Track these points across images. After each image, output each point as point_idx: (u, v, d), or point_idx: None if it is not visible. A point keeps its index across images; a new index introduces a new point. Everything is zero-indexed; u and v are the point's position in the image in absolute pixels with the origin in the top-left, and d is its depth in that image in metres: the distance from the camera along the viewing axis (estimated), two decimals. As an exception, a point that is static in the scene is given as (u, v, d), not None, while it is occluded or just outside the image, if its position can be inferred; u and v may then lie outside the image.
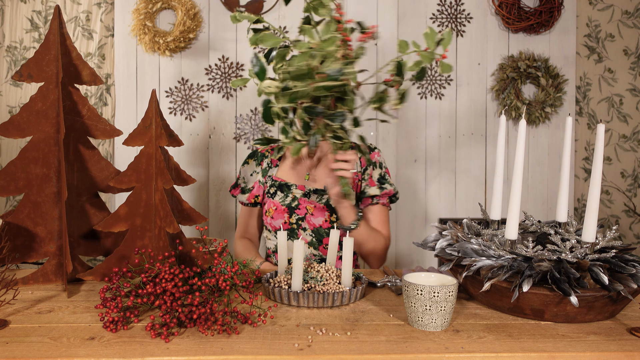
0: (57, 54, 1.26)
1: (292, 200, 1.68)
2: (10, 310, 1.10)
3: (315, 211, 1.67)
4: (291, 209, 1.68)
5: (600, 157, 1.08)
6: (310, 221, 1.67)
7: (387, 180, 1.72)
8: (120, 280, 1.13)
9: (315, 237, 1.67)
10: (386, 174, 1.74)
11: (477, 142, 2.64)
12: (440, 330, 1.01)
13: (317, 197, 1.68)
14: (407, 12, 2.59)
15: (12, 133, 1.27)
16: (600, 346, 0.94)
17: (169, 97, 2.53)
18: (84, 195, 1.36)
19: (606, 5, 2.63)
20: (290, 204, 1.68)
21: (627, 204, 2.65)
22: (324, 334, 0.98)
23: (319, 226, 1.67)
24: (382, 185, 1.71)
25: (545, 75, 2.56)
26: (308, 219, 1.67)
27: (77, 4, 2.48)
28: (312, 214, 1.67)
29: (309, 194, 1.68)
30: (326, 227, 1.67)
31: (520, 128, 1.15)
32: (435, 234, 1.28)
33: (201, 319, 0.98)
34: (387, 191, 1.71)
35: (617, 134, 2.65)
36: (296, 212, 1.67)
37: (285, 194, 1.69)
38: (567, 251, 1.11)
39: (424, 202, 2.64)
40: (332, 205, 1.57)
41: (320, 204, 1.67)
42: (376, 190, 1.69)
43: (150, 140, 1.24)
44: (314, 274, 1.22)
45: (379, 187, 1.70)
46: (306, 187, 1.69)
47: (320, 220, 1.67)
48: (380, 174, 1.72)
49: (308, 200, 1.68)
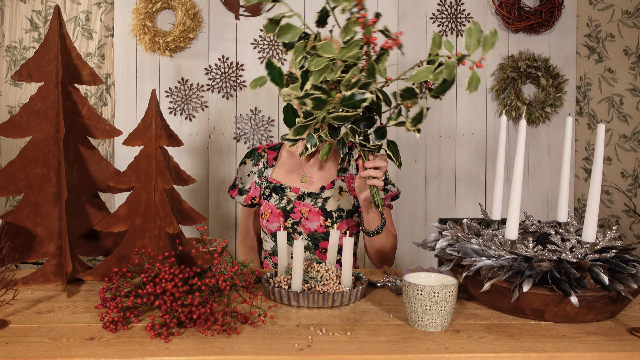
0: (57, 54, 1.26)
1: (287, 203, 1.66)
2: (10, 311, 1.10)
3: (310, 215, 1.65)
4: (286, 212, 1.66)
5: (601, 157, 1.08)
6: (306, 225, 1.65)
7: (389, 181, 1.72)
8: (120, 281, 1.13)
9: (311, 241, 1.66)
10: (386, 173, 1.73)
11: (477, 142, 2.64)
12: (441, 331, 1.00)
13: (312, 200, 1.66)
14: (407, 12, 2.59)
15: (12, 133, 1.27)
16: (600, 346, 0.94)
17: (169, 97, 2.53)
18: (83, 195, 1.36)
19: (606, 5, 2.63)
20: (285, 207, 1.66)
21: (628, 204, 2.65)
22: (324, 334, 0.98)
23: (314, 230, 1.65)
24: (385, 187, 1.70)
25: (545, 75, 2.56)
26: (303, 223, 1.66)
27: (77, 3, 2.48)
28: (307, 218, 1.65)
29: (303, 196, 1.66)
30: (321, 231, 1.65)
31: (521, 128, 1.15)
32: (435, 234, 1.28)
33: (201, 319, 0.98)
34: (392, 193, 1.70)
35: (618, 134, 2.65)
36: (291, 215, 1.66)
37: (280, 196, 1.68)
38: (568, 251, 1.11)
39: (424, 202, 2.64)
40: (361, 208, 1.52)
41: (315, 208, 1.65)
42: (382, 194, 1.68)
43: (150, 140, 1.23)
44: (314, 274, 1.22)
45: (384, 189, 1.69)
46: (300, 190, 1.67)
47: (315, 224, 1.65)
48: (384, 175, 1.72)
49: (303, 203, 1.66)
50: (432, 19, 2.60)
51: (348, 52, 1.13)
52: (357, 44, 1.14)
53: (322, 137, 1.27)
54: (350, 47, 1.14)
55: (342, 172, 1.72)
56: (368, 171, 1.36)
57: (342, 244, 1.54)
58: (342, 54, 1.14)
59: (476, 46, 1.14)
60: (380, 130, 1.27)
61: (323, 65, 1.13)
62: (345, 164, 1.74)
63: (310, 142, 1.27)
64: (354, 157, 1.76)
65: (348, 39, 1.14)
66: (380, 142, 1.27)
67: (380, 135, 1.27)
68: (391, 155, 1.30)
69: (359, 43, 1.14)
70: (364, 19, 1.13)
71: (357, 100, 1.12)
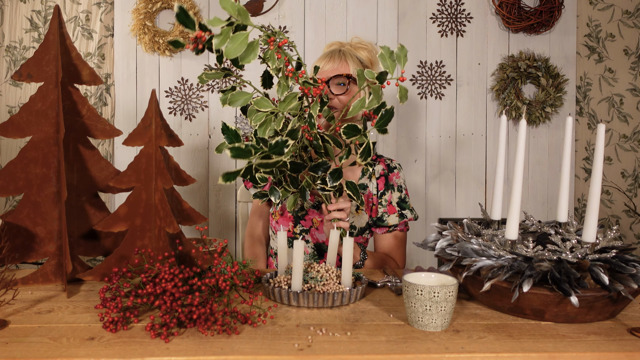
0: (57, 54, 1.26)
1: (300, 209, 1.64)
2: (9, 311, 1.10)
3: (321, 226, 1.62)
4: (297, 218, 1.63)
5: (601, 157, 1.08)
6: (314, 235, 1.63)
7: (407, 205, 1.65)
8: (120, 281, 1.13)
9: (316, 250, 1.63)
10: (406, 197, 1.66)
11: (477, 142, 2.64)
12: (441, 331, 1.00)
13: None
14: (407, 12, 2.59)
15: (12, 133, 1.27)
16: (600, 346, 0.94)
17: (169, 97, 2.53)
18: (83, 195, 1.36)
19: (606, 5, 2.63)
20: (298, 212, 1.64)
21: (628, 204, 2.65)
22: (324, 334, 0.98)
23: (322, 242, 1.63)
24: (402, 211, 1.64)
25: (545, 75, 2.56)
26: (312, 233, 1.63)
27: (77, 3, 2.48)
28: (317, 228, 1.63)
29: (318, 205, 1.63)
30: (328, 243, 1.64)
31: (521, 128, 1.15)
32: (435, 234, 1.28)
33: (201, 319, 0.98)
34: (407, 219, 1.64)
35: (618, 134, 2.65)
36: (301, 222, 1.63)
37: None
38: (568, 251, 1.11)
39: (424, 202, 2.64)
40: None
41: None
42: (395, 220, 1.63)
43: (150, 140, 1.23)
44: (314, 274, 1.22)
45: (399, 213, 1.63)
46: (315, 198, 1.64)
47: (324, 236, 1.62)
48: (400, 197, 1.65)
49: (317, 212, 1.63)
50: (432, 19, 2.60)
51: (287, 105, 1.22)
52: (293, 96, 1.23)
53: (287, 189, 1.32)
54: (289, 101, 1.22)
55: (361, 188, 1.67)
56: (332, 214, 1.38)
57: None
58: (282, 107, 1.22)
59: (393, 65, 1.22)
60: (335, 172, 1.31)
61: (263, 119, 1.22)
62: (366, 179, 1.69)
63: (275, 195, 1.32)
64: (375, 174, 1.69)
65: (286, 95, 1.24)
66: (336, 183, 1.31)
67: (336, 177, 1.31)
68: (351, 195, 1.34)
69: (296, 95, 1.24)
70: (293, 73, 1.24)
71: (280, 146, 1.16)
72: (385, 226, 1.64)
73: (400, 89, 1.20)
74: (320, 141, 1.30)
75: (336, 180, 1.31)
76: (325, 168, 1.29)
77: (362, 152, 1.30)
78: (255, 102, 1.22)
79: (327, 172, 1.30)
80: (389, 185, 1.65)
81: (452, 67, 2.62)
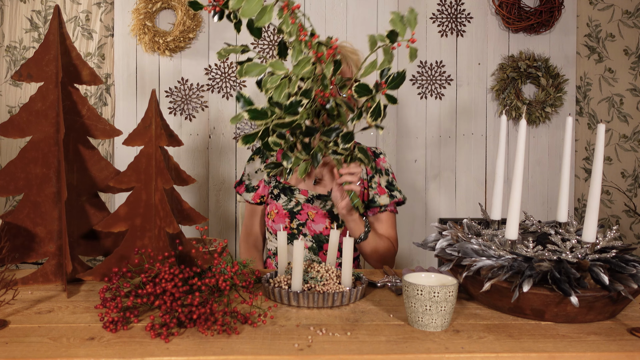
0: (57, 54, 1.26)
1: (295, 205, 1.67)
2: (9, 311, 1.10)
3: (317, 217, 1.65)
4: (292, 213, 1.66)
5: (601, 157, 1.08)
6: (311, 227, 1.66)
7: (395, 187, 1.71)
8: (120, 281, 1.13)
9: (315, 242, 1.66)
10: (393, 180, 1.72)
11: (477, 142, 2.64)
12: (441, 331, 1.00)
13: (321, 202, 1.66)
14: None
15: (12, 133, 1.27)
16: (600, 346, 0.94)
17: (169, 97, 2.53)
18: (83, 195, 1.36)
19: (606, 5, 2.63)
20: (293, 208, 1.66)
21: (628, 204, 2.65)
22: (324, 334, 0.98)
23: (319, 232, 1.66)
24: (391, 192, 1.70)
25: (545, 75, 2.56)
26: (309, 225, 1.66)
27: (77, 3, 2.48)
28: (313, 220, 1.66)
29: (312, 199, 1.67)
30: (326, 233, 1.65)
31: (521, 128, 1.15)
32: (435, 234, 1.28)
33: (201, 319, 0.98)
34: (397, 199, 1.70)
35: (618, 134, 2.65)
36: (297, 217, 1.66)
37: (289, 197, 1.67)
38: (568, 251, 1.11)
39: (424, 202, 2.64)
40: (341, 218, 1.56)
41: (322, 210, 1.66)
42: (386, 199, 1.68)
43: (150, 140, 1.23)
44: (314, 274, 1.22)
45: (389, 194, 1.69)
46: (309, 193, 1.67)
47: (321, 227, 1.65)
48: (388, 180, 1.71)
49: (312, 205, 1.67)
50: (432, 19, 2.60)
51: (301, 69, 1.25)
52: (307, 60, 1.25)
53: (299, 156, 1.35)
54: (302, 65, 1.24)
55: None
56: (344, 177, 1.44)
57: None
58: (296, 70, 1.25)
59: (404, 28, 1.24)
60: (346, 135, 1.34)
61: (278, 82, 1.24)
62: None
63: (287, 160, 1.35)
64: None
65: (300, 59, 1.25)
66: (348, 146, 1.33)
67: (347, 139, 1.33)
68: (362, 158, 1.40)
69: (309, 59, 1.25)
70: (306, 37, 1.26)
71: (295, 106, 1.22)
72: (377, 206, 1.69)
73: (411, 49, 1.25)
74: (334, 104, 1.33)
75: (348, 143, 1.33)
76: (338, 132, 1.32)
77: (373, 111, 1.32)
78: (271, 64, 1.25)
79: (339, 136, 1.33)
80: (377, 170, 1.71)
81: (452, 67, 2.62)
